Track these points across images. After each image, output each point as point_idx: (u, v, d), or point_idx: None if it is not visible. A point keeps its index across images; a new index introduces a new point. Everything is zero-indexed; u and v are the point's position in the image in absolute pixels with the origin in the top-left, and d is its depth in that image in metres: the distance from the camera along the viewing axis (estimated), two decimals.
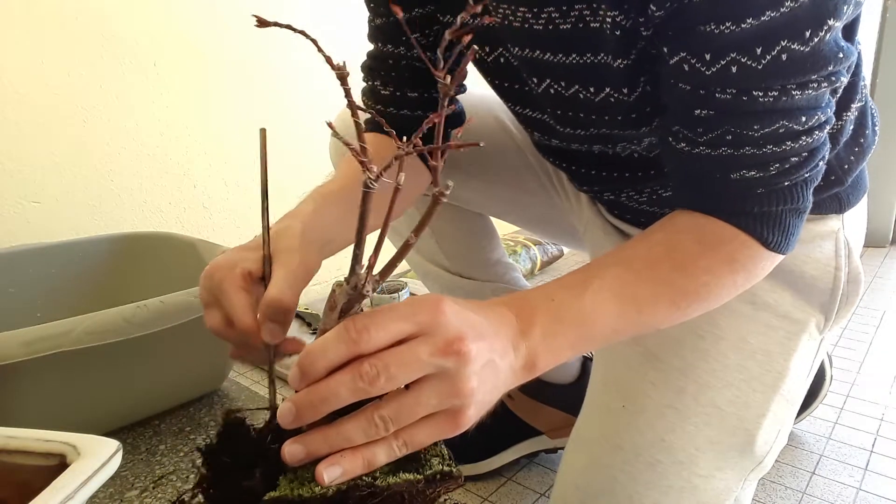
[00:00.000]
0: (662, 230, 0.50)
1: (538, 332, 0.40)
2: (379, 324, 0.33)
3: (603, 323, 0.44)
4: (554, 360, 0.42)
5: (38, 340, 0.60)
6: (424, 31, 0.63)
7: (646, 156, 0.61)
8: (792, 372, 0.58)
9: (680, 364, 0.58)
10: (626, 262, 0.47)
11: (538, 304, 0.42)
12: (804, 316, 0.59)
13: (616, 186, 0.66)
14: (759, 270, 0.49)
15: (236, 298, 0.44)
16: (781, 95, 0.41)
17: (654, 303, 0.45)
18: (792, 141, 0.44)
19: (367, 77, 0.67)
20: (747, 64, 0.41)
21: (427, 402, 0.34)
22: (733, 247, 0.47)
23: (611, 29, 0.47)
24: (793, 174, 0.45)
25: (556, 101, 0.56)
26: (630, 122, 0.55)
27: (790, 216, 0.47)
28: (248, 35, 1.32)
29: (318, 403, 0.33)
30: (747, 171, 0.45)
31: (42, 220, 1.08)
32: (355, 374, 0.33)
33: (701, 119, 0.45)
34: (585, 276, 0.45)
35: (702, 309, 0.48)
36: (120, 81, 1.15)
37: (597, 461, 0.59)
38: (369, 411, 0.34)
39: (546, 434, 0.90)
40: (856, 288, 0.60)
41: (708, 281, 0.46)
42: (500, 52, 0.60)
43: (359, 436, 0.34)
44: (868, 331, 1.40)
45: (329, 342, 0.33)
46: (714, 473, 0.56)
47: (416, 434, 0.35)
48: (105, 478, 0.34)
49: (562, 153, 0.68)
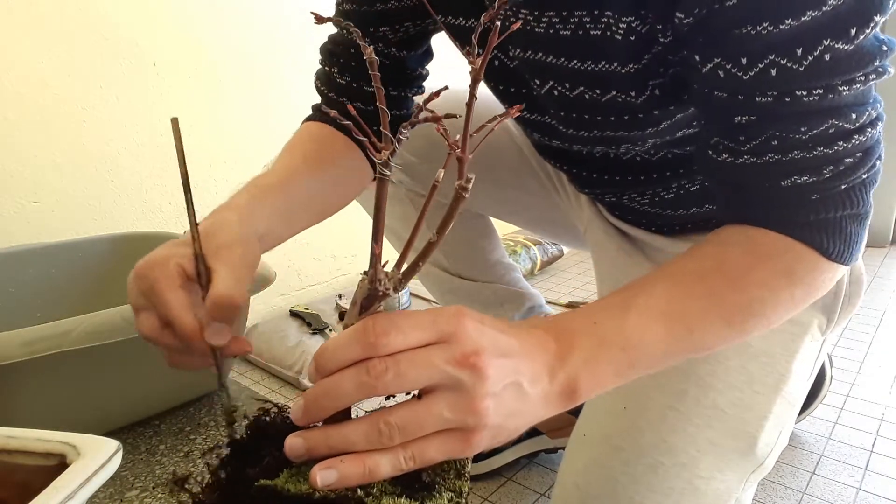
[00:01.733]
0: (710, 243, 0.46)
1: (579, 357, 0.37)
2: (399, 329, 0.32)
3: (650, 344, 0.40)
4: (598, 386, 0.38)
5: (38, 340, 0.60)
6: (395, 25, 0.62)
7: (648, 159, 0.61)
8: (794, 374, 0.58)
9: (682, 366, 0.57)
10: (672, 277, 0.43)
11: (578, 328, 0.39)
12: (807, 318, 0.58)
13: (618, 189, 0.66)
14: (820, 284, 0.45)
15: (173, 297, 0.40)
16: (827, 93, 0.39)
17: (706, 320, 0.42)
18: (844, 141, 0.41)
19: (324, 61, 0.65)
20: (788, 66, 0.38)
21: (438, 413, 0.32)
22: (789, 258, 0.43)
23: (624, 34, 0.45)
24: (849, 176, 0.42)
25: (559, 102, 0.54)
26: (636, 124, 0.53)
27: (850, 223, 0.43)
28: (249, 35, 1.32)
29: (321, 397, 0.32)
30: (798, 176, 0.42)
31: (42, 220, 1.08)
32: (362, 369, 0.31)
33: (742, 126, 0.42)
34: (629, 293, 0.42)
35: (759, 327, 0.44)
36: (120, 81, 1.15)
37: (598, 462, 0.59)
38: (375, 416, 0.32)
39: (546, 434, 0.90)
40: (858, 289, 0.60)
41: (763, 296, 0.42)
42: (496, 55, 0.59)
43: (360, 439, 0.32)
44: (868, 331, 1.40)
45: (346, 341, 0.32)
46: (715, 475, 0.56)
47: (427, 449, 0.32)
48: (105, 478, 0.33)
49: (562, 155, 0.67)
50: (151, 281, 0.41)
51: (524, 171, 0.80)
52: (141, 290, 0.42)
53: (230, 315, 0.40)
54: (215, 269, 0.42)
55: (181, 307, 0.40)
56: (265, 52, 1.36)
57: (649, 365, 0.41)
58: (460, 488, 0.36)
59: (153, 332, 0.41)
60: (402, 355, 0.32)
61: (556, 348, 0.37)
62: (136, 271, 0.42)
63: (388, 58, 0.64)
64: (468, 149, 0.32)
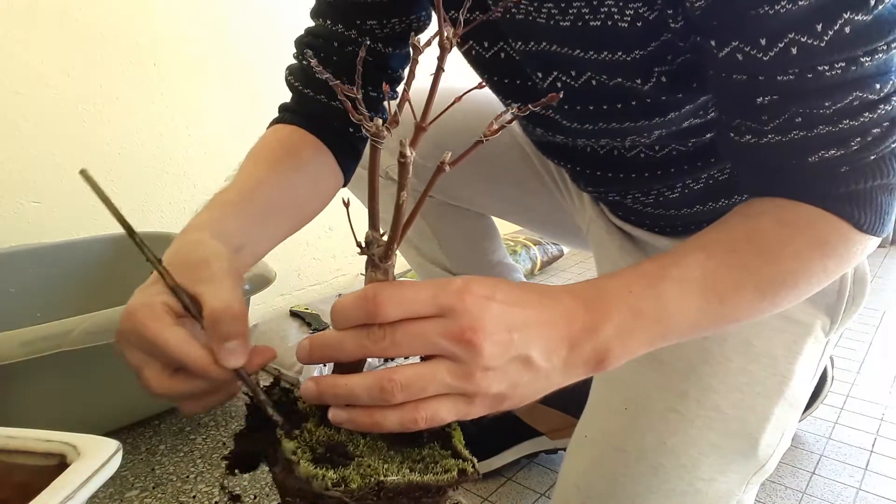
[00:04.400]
0: (740, 214, 0.45)
1: (612, 328, 0.37)
2: (396, 300, 0.33)
3: (683, 317, 0.40)
4: (628, 356, 0.39)
5: (38, 340, 0.60)
6: (382, 20, 0.60)
7: (652, 156, 0.60)
8: (797, 376, 0.57)
9: (683, 367, 0.57)
10: (705, 249, 0.42)
11: (615, 297, 0.39)
12: (810, 319, 0.58)
13: (621, 187, 0.64)
14: (852, 256, 0.44)
15: (171, 335, 0.36)
16: (850, 66, 0.38)
17: (738, 292, 0.41)
18: (870, 111, 0.40)
19: (300, 54, 0.62)
20: (808, 43, 0.38)
21: (441, 379, 0.33)
22: (822, 229, 0.42)
23: (630, 21, 0.45)
24: (877, 146, 0.41)
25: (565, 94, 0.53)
26: (643, 112, 0.52)
27: (880, 193, 0.43)
28: (249, 35, 1.32)
29: (325, 347, 0.35)
30: (825, 151, 0.41)
31: (42, 220, 1.08)
32: (362, 332, 0.33)
33: (764, 107, 0.42)
34: (663, 263, 0.41)
35: (790, 298, 0.43)
36: (120, 81, 1.15)
37: (598, 463, 0.58)
38: (380, 373, 0.33)
39: (546, 435, 0.90)
40: (862, 289, 0.59)
41: (796, 268, 0.42)
42: (501, 47, 0.57)
43: (363, 393, 0.33)
44: (868, 331, 1.40)
45: (350, 305, 0.34)
46: (716, 477, 0.56)
47: (438, 409, 0.34)
48: (105, 478, 0.34)
49: (565, 152, 0.66)
50: (140, 329, 0.37)
51: (526, 171, 0.80)
52: (134, 344, 0.38)
53: (235, 329, 0.37)
54: (199, 291, 0.39)
55: (183, 341, 0.36)
56: (265, 53, 1.36)
57: (680, 335, 0.41)
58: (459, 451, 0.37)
59: (163, 385, 0.38)
60: (401, 326, 0.33)
61: (586, 319, 0.37)
62: (121, 330, 0.38)
63: (374, 54, 0.61)
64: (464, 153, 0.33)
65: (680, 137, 0.57)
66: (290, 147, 0.60)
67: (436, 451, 0.37)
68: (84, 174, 0.38)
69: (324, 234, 1.55)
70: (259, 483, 0.60)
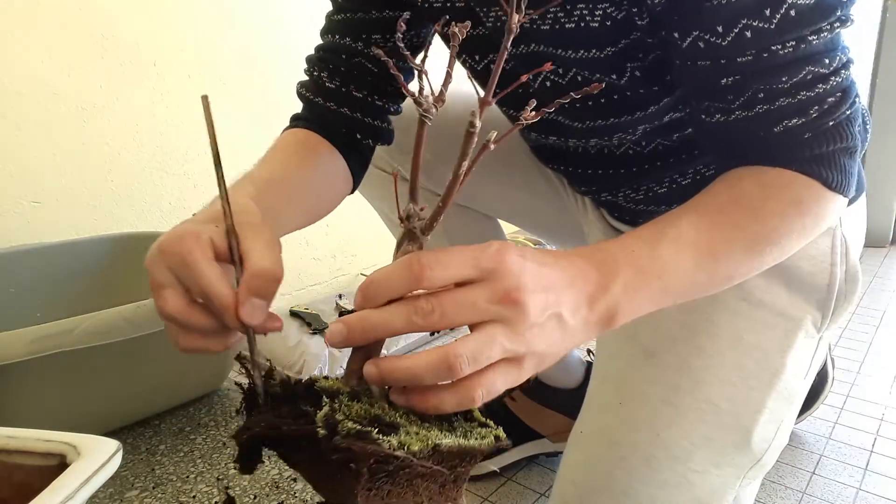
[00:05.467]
0: (723, 181, 0.49)
1: (620, 286, 0.40)
2: (443, 263, 0.33)
3: (681, 273, 0.43)
4: (635, 312, 0.41)
5: (38, 340, 0.60)
6: (385, 34, 0.64)
7: (640, 151, 0.62)
8: (788, 369, 0.58)
9: (675, 361, 0.58)
10: (696, 211, 0.46)
11: (620, 257, 0.41)
12: (800, 313, 0.59)
13: (613, 185, 0.67)
14: (826, 214, 0.48)
15: (209, 269, 0.37)
16: (800, 44, 0.43)
17: (730, 249, 0.45)
18: (823, 83, 0.45)
19: (311, 69, 0.66)
20: (760, 26, 0.43)
21: (499, 343, 0.34)
22: (796, 189, 0.47)
23: (600, 21, 0.49)
24: (834, 113, 0.46)
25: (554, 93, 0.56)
26: (624, 107, 0.56)
27: (842, 156, 0.47)
28: (249, 34, 1.32)
29: (368, 328, 0.34)
30: (788, 120, 0.46)
31: (42, 220, 1.08)
32: (411, 307, 0.33)
33: (728, 87, 0.46)
34: (659, 226, 0.45)
35: (775, 255, 0.47)
36: (120, 81, 1.15)
37: (593, 457, 0.59)
38: (442, 350, 0.33)
39: (548, 438, 0.90)
40: (853, 287, 0.60)
41: (778, 225, 0.46)
42: (492, 59, 0.61)
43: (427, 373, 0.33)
44: (868, 331, 1.40)
45: (392, 273, 0.34)
46: (710, 469, 0.56)
47: (495, 381, 0.34)
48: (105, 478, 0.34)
49: (559, 154, 0.68)
50: (183, 253, 0.37)
51: (534, 173, 0.80)
52: (169, 265, 0.38)
53: (268, 290, 0.38)
54: (249, 246, 0.39)
55: (218, 279, 0.37)
56: (265, 52, 1.36)
57: (680, 292, 0.44)
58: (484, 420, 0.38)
59: (179, 311, 0.38)
60: (447, 297, 0.33)
61: (598, 277, 0.39)
62: (161, 245, 0.39)
63: (378, 65, 0.65)
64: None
65: (664, 132, 0.60)
66: (308, 145, 0.63)
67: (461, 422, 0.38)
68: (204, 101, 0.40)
69: (324, 234, 1.55)
70: (259, 483, 0.60)
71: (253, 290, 0.37)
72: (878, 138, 2.13)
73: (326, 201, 0.64)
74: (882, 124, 2.12)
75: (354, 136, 0.65)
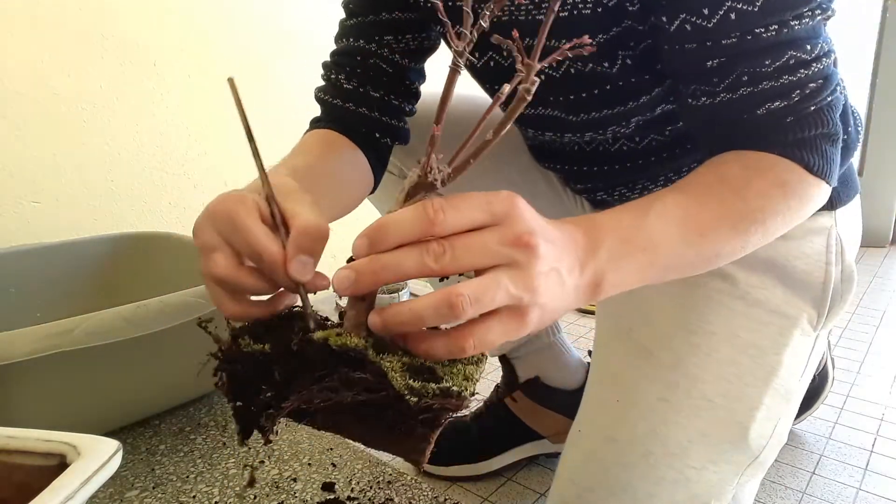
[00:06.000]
0: (708, 164, 0.50)
1: (605, 252, 0.40)
2: (455, 207, 0.33)
3: (668, 246, 0.43)
4: (620, 282, 0.41)
5: (38, 340, 0.60)
6: (398, 35, 0.65)
7: (634, 147, 0.63)
8: (784, 367, 0.58)
9: (672, 358, 0.59)
10: (683, 190, 0.47)
11: (606, 225, 0.42)
12: (796, 311, 0.59)
13: (609, 182, 0.68)
14: (810, 198, 0.49)
15: (258, 228, 0.38)
16: (782, 28, 0.45)
17: (716, 225, 0.45)
18: (804, 69, 0.46)
19: (328, 73, 0.67)
20: (744, 9, 0.44)
21: (504, 287, 0.33)
22: (780, 171, 0.47)
23: (592, 9, 0.50)
24: (815, 98, 0.47)
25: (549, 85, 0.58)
26: (619, 96, 0.57)
27: (823, 142, 0.48)
28: (249, 35, 1.32)
29: (379, 270, 0.33)
30: (771, 103, 0.47)
31: (42, 220, 1.08)
32: (423, 249, 0.32)
33: (714, 69, 0.48)
34: (647, 200, 0.45)
35: (760, 236, 0.47)
36: (120, 81, 1.15)
37: (591, 455, 0.60)
38: (446, 290, 0.32)
39: (548, 438, 0.90)
40: (849, 286, 0.61)
41: (763, 205, 0.46)
42: (491, 56, 0.62)
43: (430, 313, 0.32)
44: (868, 331, 1.40)
45: (404, 217, 0.33)
46: (707, 465, 0.56)
47: (487, 332, 0.34)
48: (105, 478, 0.34)
49: (555, 152, 0.69)
50: (232, 214, 0.38)
51: (533, 174, 0.81)
52: (217, 228, 0.39)
53: (316, 247, 0.38)
54: (292, 208, 0.40)
55: (268, 237, 0.37)
56: (265, 52, 1.36)
57: (666, 266, 0.44)
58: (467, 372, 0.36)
59: (229, 272, 0.38)
60: (459, 240, 0.33)
61: (585, 242, 0.39)
62: (210, 210, 0.40)
63: (393, 66, 0.66)
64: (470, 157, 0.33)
65: (657, 126, 0.61)
66: (331, 142, 0.64)
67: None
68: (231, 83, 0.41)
69: None
70: (259, 483, 0.60)
71: (301, 247, 0.37)
72: (878, 138, 2.13)
73: (352, 195, 0.64)
74: (882, 124, 2.12)
75: (373, 134, 0.66)
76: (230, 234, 0.38)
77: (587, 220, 0.42)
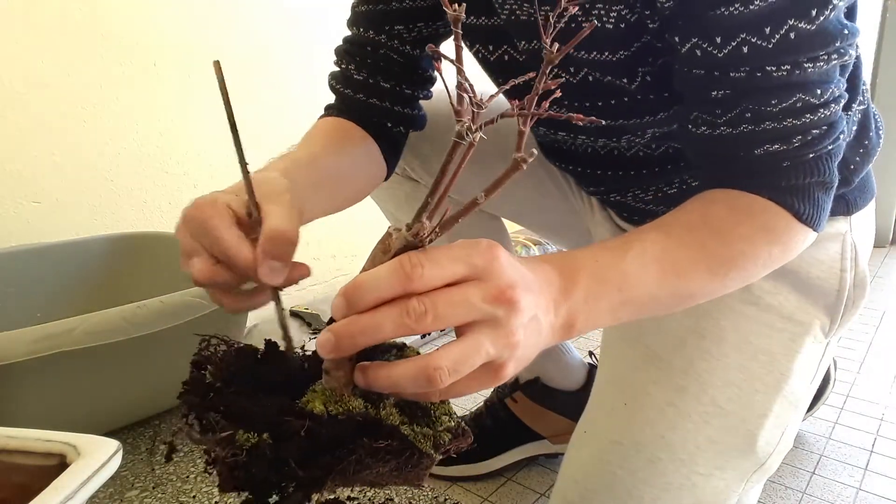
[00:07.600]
0: (696, 201, 0.49)
1: (580, 292, 0.39)
2: (434, 261, 0.32)
3: (643, 287, 0.43)
4: (593, 322, 0.41)
5: (39, 340, 0.60)
6: (408, 24, 0.64)
7: (650, 154, 0.62)
8: (795, 374, 0.58)
9: (681, 363, 0.58)
10: (664, 228, 0.46)
11: (582, 264, 0.41)
12: (808, 318, 0.58)
13: (622, 186, 0.66)
14: (794, 245, 0.48)
15: (227, 232, 0.39)
16: (794, 69, 0.43)
17: (692, 268, 0.45)
18: (811, 114, 0.44)
19: (340, 61, 0.67)
20: (758, 44, 0.42)
21: (483, 352, 0.32)
22: (767, 216, 0.47)
23: (614, 23, 0.49)
24: (816, 146, 0.46)
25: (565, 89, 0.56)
26: (633, 110, 0.56)
27: (817, 189, 0.47)
28: (249, 35, 1.32)
29: (357, 334, 0.32)
30: (770, 145, 0.46)
31: (42, 220, 1.08)
32: (402, 309, 0.31)
33: (718, 100, 0.46)
34: (626, 239, 0.45)
35: (739, 280, 0.47)
36: (120, 81, 1.15)
37: (597, 457, 0.59)
38: (423, 361, 0.32)
39: (548, 439, 0.90)
40: (861, 292, 0.60)
41: (744, 249, 0.46)
42: (505, 49, 0.61)
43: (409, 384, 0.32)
44: (868, 331, 1.40)
45: (381, 275, 0.31)
46: (714, 472, 0.56)
47: (463, 389, 0.34)
48: (105, 478, 0.33)
49: (567, 153, 0.68)
50: (203, 219, 0.40)
51: (540, 172, 0.80)
52: (192, 232, 0.40)
53: (284, 252, 0.39)
54: (267, 209, 0.41)
55: (237, 241, 0.39)
56: (266, 53, 1.36)
57: (640, 306, 0.44)
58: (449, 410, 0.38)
59: (207, 273, 0.40)
60: (440, 296, 0.32)
61: (561, 283, 0.39)
62: (184, 216, 0.41)
63: (403, 56, 0.65)
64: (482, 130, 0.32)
65: (674, 138, 0.59)
66: (340, 131, 0.64)
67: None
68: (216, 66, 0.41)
69: (324, 234, 1.55)
70: None
71: (269, 253, 0.39)
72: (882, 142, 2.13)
73: (357, 186, 0.64)
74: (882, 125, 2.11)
75: (385, 124, 0.66)
76: (203, 239, 0.40)
77: (564, 258, 0.41)
